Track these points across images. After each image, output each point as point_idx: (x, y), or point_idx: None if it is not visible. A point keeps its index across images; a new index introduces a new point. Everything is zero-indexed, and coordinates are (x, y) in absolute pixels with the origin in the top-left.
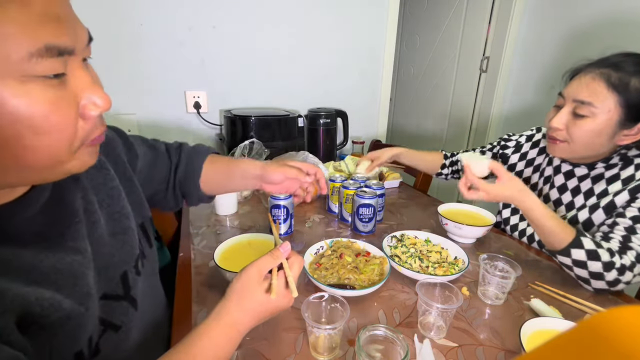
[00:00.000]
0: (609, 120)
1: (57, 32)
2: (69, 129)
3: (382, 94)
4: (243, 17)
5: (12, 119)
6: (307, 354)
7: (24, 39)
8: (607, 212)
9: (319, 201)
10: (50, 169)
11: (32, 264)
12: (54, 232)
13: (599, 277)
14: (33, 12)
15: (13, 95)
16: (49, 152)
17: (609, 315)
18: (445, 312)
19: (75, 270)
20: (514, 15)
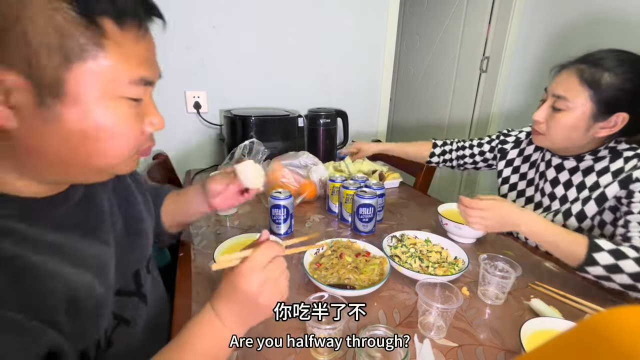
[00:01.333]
0: (583, 114)
1: (148, 69)
2: (133, 139)
3: (382, 94)
4: (243, 18)
5: (99, 125)
6: (307, 354)
7: (130, 71)
8: (598, 204)
9: (319, 201)
10: (106, 170)
11: (77, 249)
12: (89, 224)
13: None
14: (139, 54)
15: (106, 107)
16: (114, 155)
17: (609, 315)
18: (445, 312)
19: (105, 259)
20: (514, 15)
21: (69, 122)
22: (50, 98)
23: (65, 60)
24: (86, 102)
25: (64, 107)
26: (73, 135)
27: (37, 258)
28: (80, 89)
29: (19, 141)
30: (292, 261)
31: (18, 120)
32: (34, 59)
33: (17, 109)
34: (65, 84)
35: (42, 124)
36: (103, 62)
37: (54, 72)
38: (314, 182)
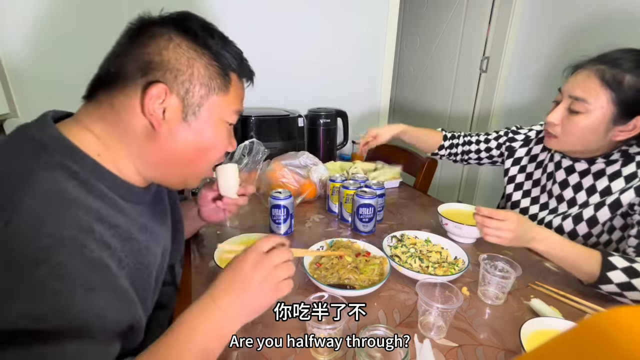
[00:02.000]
0: (603, 117)
1: (241, 105)
2: (222, 152)
3: (382, 94)
4: (243, 17)
5: (211, 137)
6: (307, 354)
7: (236, 105)
8: (612, 210)
9: (319, 201)
10: (195, 176)
11: (156, 230)
12: (159, 215)
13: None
14: (241, 95)
15: (218, 126)
16: (209, 162)
17: (609, 315)
18: (445, 312)
19: (167, 244)
20: (514, 15)
21: (196, 133)
22: (191, 115)
23: (207, 93)
24: (210, 121)
25: (197, 123)
26: (195, 144)
27: (139, 234)
28: (209, 112)
29: (155, 142)
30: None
31: (162, 127)
32: (190, 90)
33: (166, 120)
34: (202, 107)
35: (179, 132)
36: (225, 97)
37: (199, 99)
38: (314, 182)
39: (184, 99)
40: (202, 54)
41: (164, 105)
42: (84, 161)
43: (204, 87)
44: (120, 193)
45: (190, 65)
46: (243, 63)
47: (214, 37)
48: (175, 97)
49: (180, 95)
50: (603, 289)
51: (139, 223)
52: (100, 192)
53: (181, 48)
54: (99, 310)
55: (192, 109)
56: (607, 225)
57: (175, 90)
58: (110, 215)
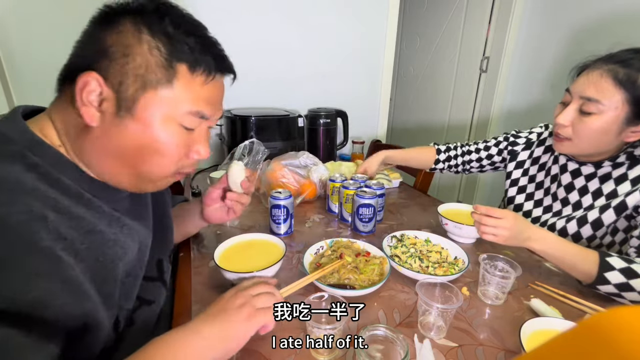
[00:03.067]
0: (616, 118)
1: (207, 107)
2: (177, 159)
3: (382, 94)
4: (242, 17)
5: (152, 139)
6: (307, 354)
7: (190, 104)
8: (617, 212)
9: (319, 201)
10: (147, 180)
11: (131, 225)
12: (138, 211)
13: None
14: (202, 94)
15: (165, 127)
16: (158, 169)
17: (609, 315)
18: (445, 312)
19: (147, 240)
20: (514, 15)
21: (131, 133)
22: (124, 111)
23: (143, 87)
24: (148, 120)
25: (131, 121)
26: (130, 144)
27: (107, 227)
28: (147, 109)
29: (92, 137)
30: (292, 261)
31: (100, 122)
32: (124, 81)
33: (102, 114)
34: (137, 103)
35: (113, 128)
36: (169, 93)
37: (133, 92)
38: (314, 182)
39: (117, 92)
40: (143, 40)
41: (103, 97)
42: (47, 153)
43: (138, 80)
44: (85, 187)
45: (126, 53)
46: (203, 51)
47: (164, 20)
48: (110, 88)
49: (114, 86)
50: (601, 290)
51: (109, 216)
52: (61, 184)
53: (122, 33)
54: (39, 299)
55: (126, 103)
56: (611, 228)
57: (110, 80)
58: (71, 206)
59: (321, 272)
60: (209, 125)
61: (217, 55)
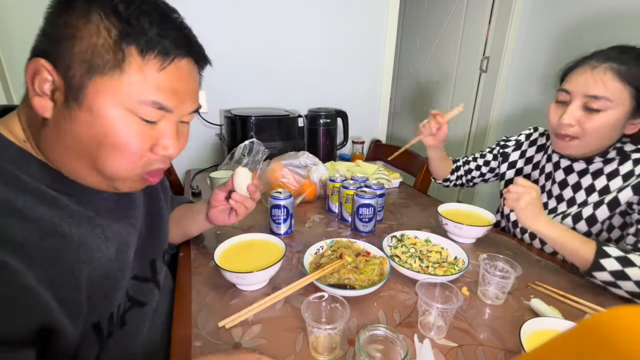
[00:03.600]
0: (624, 112)
1: (165, 97)
2: (138, 155)
3: (382, 94)
4: (243, 17)
5: (106, 131)
6: (307, 354)
7: (143, 93)
8: (611, 208)
9: (319, 201)
10: (112, 179)
11: (107, 226)
12: (120, 211)
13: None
14: (158, 82)
15: (116, 118)
16: (119, 165)
17: (609, 315)
18: (445, 312)
19: (129, 239)
20: (514, 15)
21: (81, 125)
22: (72, 101)
23: (88, 72)
24: (97, 110)
25: (79, 111)
26: (83, 137)
27: (73, 228)
28: (96, 98)
29: (47, 130)
30: (292, 261)
31: (52, 113)
32: (72, 67)
33: (55, 104)
34: (85, 91)
35: (63, 120)
36: (119, 79)
37: (79, 79)
38: (314, 182)
39: (65, 79)
40: (92, 21)
41: (55, 86)
42: (6, 150)
43: (84, 64)
44: (51, 185)
45: (71, 35)
46: (163, 34)
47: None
48: (59, 75)
49: (62, 73)
50: (597, 278)
51: (78, 217)
52: (20, 182)
53: (71, 14)
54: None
55: (73, 92)
56: (607, 224)
57: (59, 67)
58: (26, 208)
59: (321, 272)
60: (182, 120)
61: (177, 37)
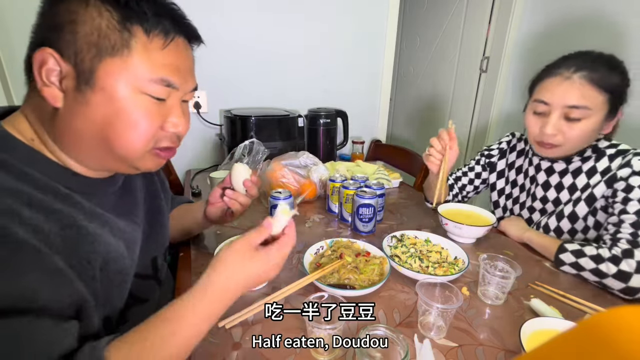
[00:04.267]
0: (602, 117)
1: (171, 74)
2: (150, 132)
3: (382, 94)
4: (243, 18)
5: (119, 113)
6: (307, 354)
7: (151, 71)
8: (588, 204)
9: (319, 201)
10: (128, 159)
11: (116, 223)
12: (125, 207)
13: (597, 273)
14: (163, 59)
15: (128, 97)
16: (131, 143)
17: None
18: (445, 312)
19: (135, 237)
20: (514, 15)
21: (95, 107)
22: (84, 84)
23: (98, 54)
24: (110, 91)
25: (92, 94)
26: (97, 119)
27: (87, 223)
28: (107, 79)
29: (60, 120)
30: (292, 261)
31: (64, 102)
32: (79, 52)
33: (65, 93)
34: (96, 74)
35: (77, 106)
36: (128, 59)
37: (89, 63)
38: (314, 182)
39: (74, 65)
40: (90, 4)
41: (63, 74)
42: (15, 148)
43: (93, 48)
44: (62, 181)
45: (74, 21)
46: (161, 15)
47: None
48: (67, 62)
49: (70, 60)
50: (566, 271)
51: (90, 213)
52: (33, 179)
53: (66, 2)
54: (29, 289)
55: (85, 76)
56: (592, 222)
57: (65, 54)
58: (45, 200)
59: (321, 272)
60: (185, 99)
61: (174, 16)
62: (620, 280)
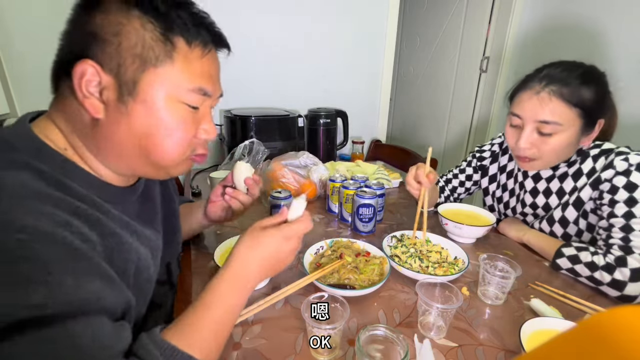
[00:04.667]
0: (575, 132)
1: (207, 82)
2: (186, 140)
3: (382, 94)
4: (242, 18)
5: (159, 122)
6: (307, 354)
7: (191, 80)
8: (577, 208)
9: (319, 201)
10: (163, 166)
11: (142, 230)
12: (147, 214)
13: (593, 280)
14: (201, 69)
15: (167, 107)
16: (169, 152)
17: (609, 315)
18: (445, 312)
19: (158, 244)
20: (514, 15)
21: (137, 117)
22: (127, 95)
23: (142, 66)
24: (152, 101)
25: (135, 104)
26: (138, 129)
27: (121, 231)
28: (150, 89)
29: (101, 130)
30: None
31: (104, 112)
32: (122, 63)
33: (106, 104)
34: (139, 84)
35: (119, 116)
36: (170, 69)
37: (132, 74)
38: (314, 182)
39: (116, 76)
40: (133, 17)
41: (102, 86)
42: (53, 159)
43: (137, 59)
44: (93, 191)
45: (117, 33)
46: (196, 22)
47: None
48: (108, 74)
49: (112, 71)
50: (565, 274)
51: (119, 221)
52: (72, 190)
53: (110, 12)
54: (94, 294)
55: (127, 87)
56: (584, 224)
57: (107, 66)
58: (87, 210)
59: (321, 272)
60: (211, 105)
61: (210, 27)
62: (615, 288)
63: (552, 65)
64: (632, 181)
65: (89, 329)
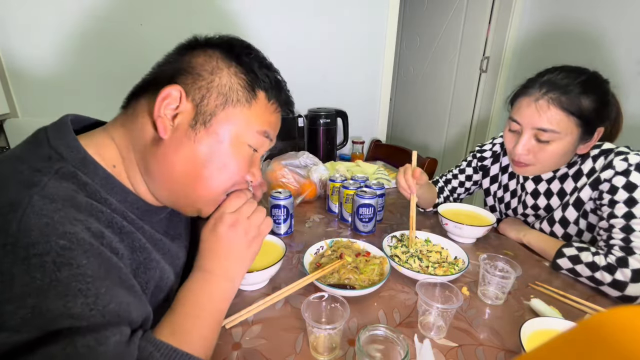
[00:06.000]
0: (572, 140)
1: (271, 130)
2: (236, 177)
3: (382, 94)
4: (242, 18)
5: (220, 152)
6: (307, 354)
7: (260, 125)
8: (577, 208)
9: (319, 201)
10: (196, 200)
11: (168, 247)
12: (176, 231)
13: (593, 280)
14: (270, 119)
15: (232, 143)
16: (216, 185)
17: (609, 315)
18: (445, 312)
19: (182, 262)
20: (514, 15)
21: (202, 145)
22: (201, 124)
23: (223, 103)
24: (221, 134)
25: (205, 133)
26: (199, 155)
27: (150, 247)
28: (223, 124)
29: (159, 150)
30: (292, 261)
31: (170, 134)
32: (207, 97)
33: (175, 127)
34: (215, 117)
35: (185, 140)
36: (247, 111)
37: (213, 107)
38: (314, 182)
39: (197, 106)
40: (231, 65)
41: (178, 110)
42: (97, 173)
43: (221, 97)
44: (131, 209)
45: (212, 72)
46: (278, 87)
47: (251, 54)
48: (190, 102)
49: (195, 101)
50: (566, 274)
51: (152, 238)
52: (109, 202)
53: (211, 57)
54: (124, 305)
55: (204, 117)
56: (585, 224)
57: (191, 95)
58: (120, 223)
59: (321, 272)
60: (262, 154)
61: (285, 93)
62: (616, 289)
63: (554, 70)
64: (632, 181)
65: (115, 339)
